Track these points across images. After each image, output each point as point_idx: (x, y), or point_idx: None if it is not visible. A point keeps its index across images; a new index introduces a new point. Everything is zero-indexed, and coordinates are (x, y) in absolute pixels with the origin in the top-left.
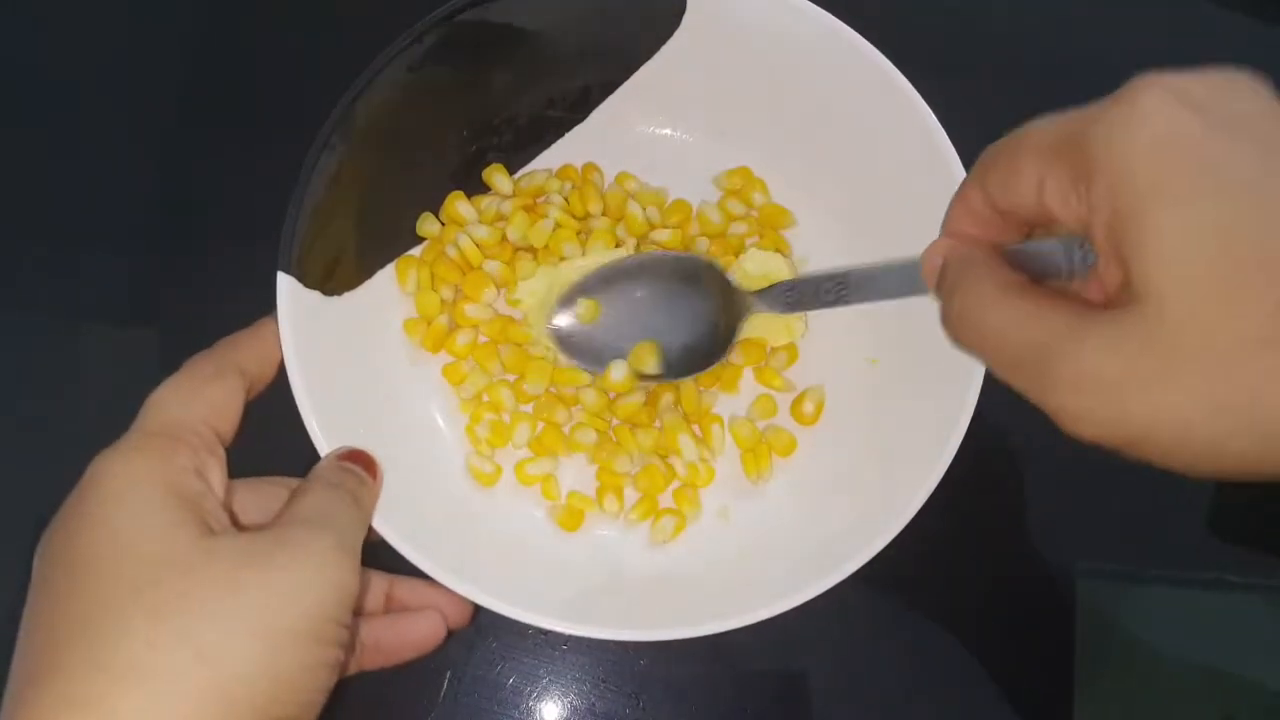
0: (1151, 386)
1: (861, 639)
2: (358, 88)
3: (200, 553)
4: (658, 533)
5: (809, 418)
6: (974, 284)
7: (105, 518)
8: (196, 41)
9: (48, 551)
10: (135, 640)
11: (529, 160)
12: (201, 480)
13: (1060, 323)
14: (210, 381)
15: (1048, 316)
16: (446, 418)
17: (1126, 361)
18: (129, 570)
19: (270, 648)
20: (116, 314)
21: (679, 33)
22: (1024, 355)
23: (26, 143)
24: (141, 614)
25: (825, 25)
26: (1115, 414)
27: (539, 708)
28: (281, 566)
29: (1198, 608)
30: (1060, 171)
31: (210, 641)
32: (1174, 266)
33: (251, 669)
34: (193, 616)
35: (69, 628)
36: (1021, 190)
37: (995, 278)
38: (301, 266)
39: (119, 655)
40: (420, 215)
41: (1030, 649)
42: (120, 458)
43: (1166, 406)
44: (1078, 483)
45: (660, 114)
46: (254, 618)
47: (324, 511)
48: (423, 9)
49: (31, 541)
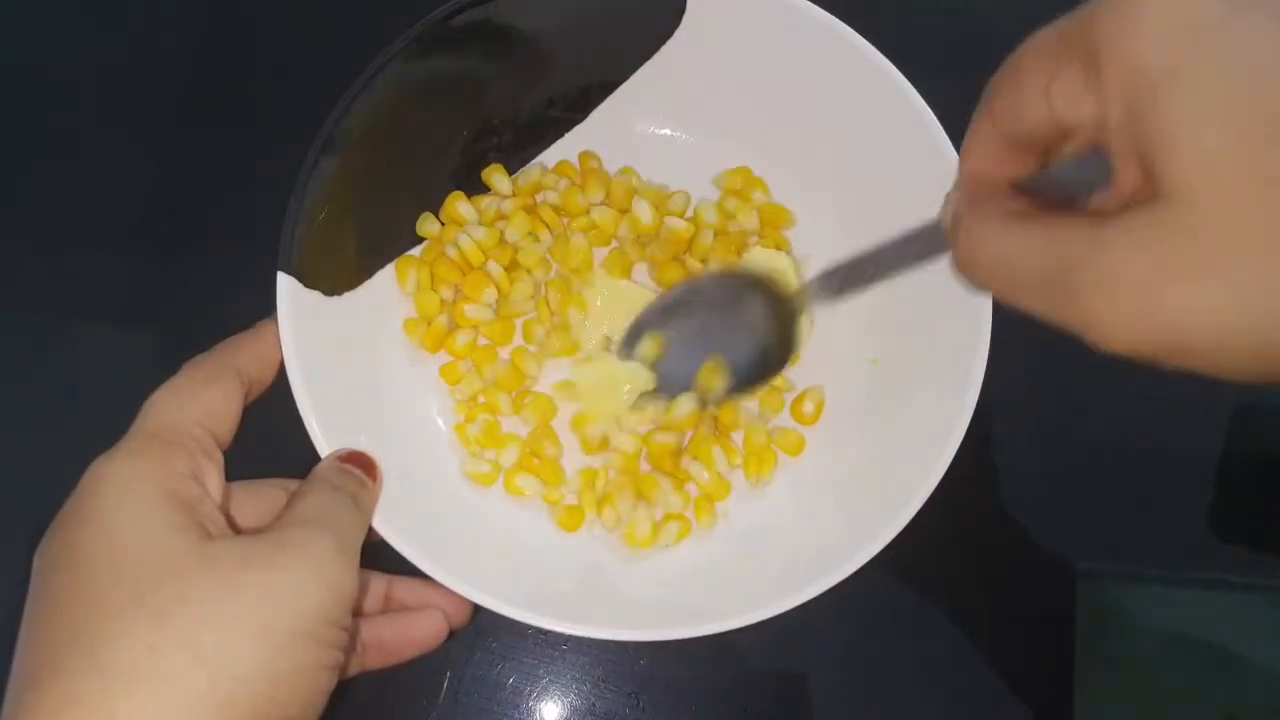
0: (1189, 282)
1: (861, 639)
2: (357, 88)
3: (199, 556)
4: (662, 538)
5: (809, 418)
6: (979, 218)
7: (104, 521)
8: (196, 41)
9: (47, 554)
10: (136, 642)
11: (529, 160)
12: (198, 484)
13: (1078, 234)
14: (207, 385)
15: (1063, 231)
16: (446, 418)
17: (1159, 258)
18: (129, 573)
19: (270, 650)
20: (116, 314)
21: (679, 33)
22: (1042, 274)
23: (26, 143)
24: (142, 617)
25: (825, 25)
26: (1151, 316)
27: (539, 708)
28: (281, 569)
29: (1198, 608)
30: (1068, 72)
31: (210, 644)
32: (1200, 155)
33: (251, 671)
34: (192, 619)
35: (70, 630)
36: (1030, 105)
37: (1001, 207)
38: (301, 267)
39: (120, 657)
40: (420, 215)
41: (1030, 649)
42: (117, 462)
43: (1207, 302)
44: (1078, 483)
45: (660, 114)
46: (253, 620)
47: (323, 513)
48: (423, 9)
49: (31, 541)
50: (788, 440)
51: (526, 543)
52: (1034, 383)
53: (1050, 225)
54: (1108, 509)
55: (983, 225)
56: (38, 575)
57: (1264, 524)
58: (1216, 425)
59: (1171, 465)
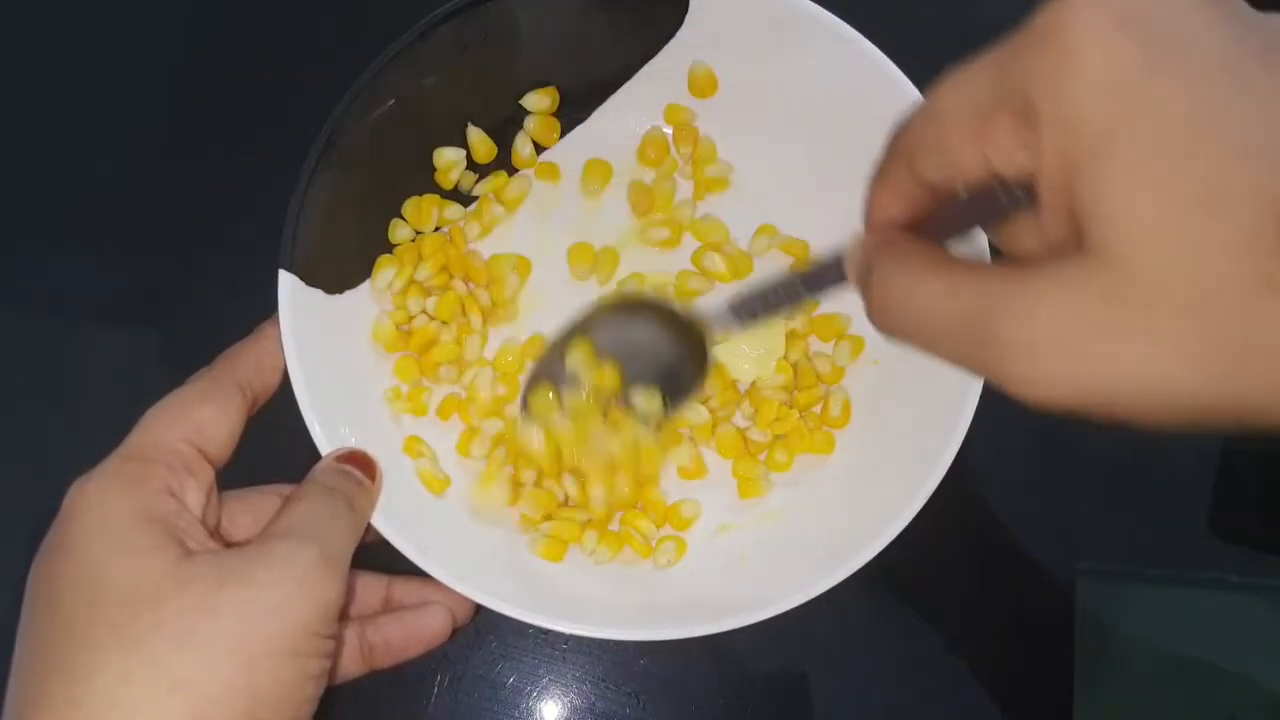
0: (1116, 338)
1: (861, 639)
2: (359, 86)
3: (174, 579)
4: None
5: (837, 420)
6: (895, 267)
7: (80, 549)
8: (197, 41)
9: (32, 585)
10: (109, 674)
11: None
12: (175, 500)
13: (1000, 285)
14: (200, 402)
15: (983, 280)
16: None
17: (1086, 315)
18: (104, 602)
19: (247, 669)
20: (116, 314)
21: (681, 32)
22: (962, 326)
23: (26, 143)
24: (115, 647)
25: (827, 25)
26: (1078, 373)
27: (539, 708)
28: (260, 584)
29: (1198, 608)
30: (1000, 121)
31: (184, 670)
32: (1134, 221)
33: (227, 692)
34: (166, 646)
35: (49, 663)
36: (960, 153)
37: (915, 254)
38: (303, 265)
39: (94, 690)
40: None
41: (1030, 649)
42: (94, 486)
43: (1134, 358)
44: (1078, 483)
45: (661, 114)
46: (229, 641)
47: (311, 522)
48: (424, 8)
49: (30, 543)
50: (812, 440)
51: (527, 542)
52: None
53: (972, 271)
54: (1108, 509)
55: (899, 274)
56: (25, 607)
57: (1264, 524)
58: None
59: (1171, 465)
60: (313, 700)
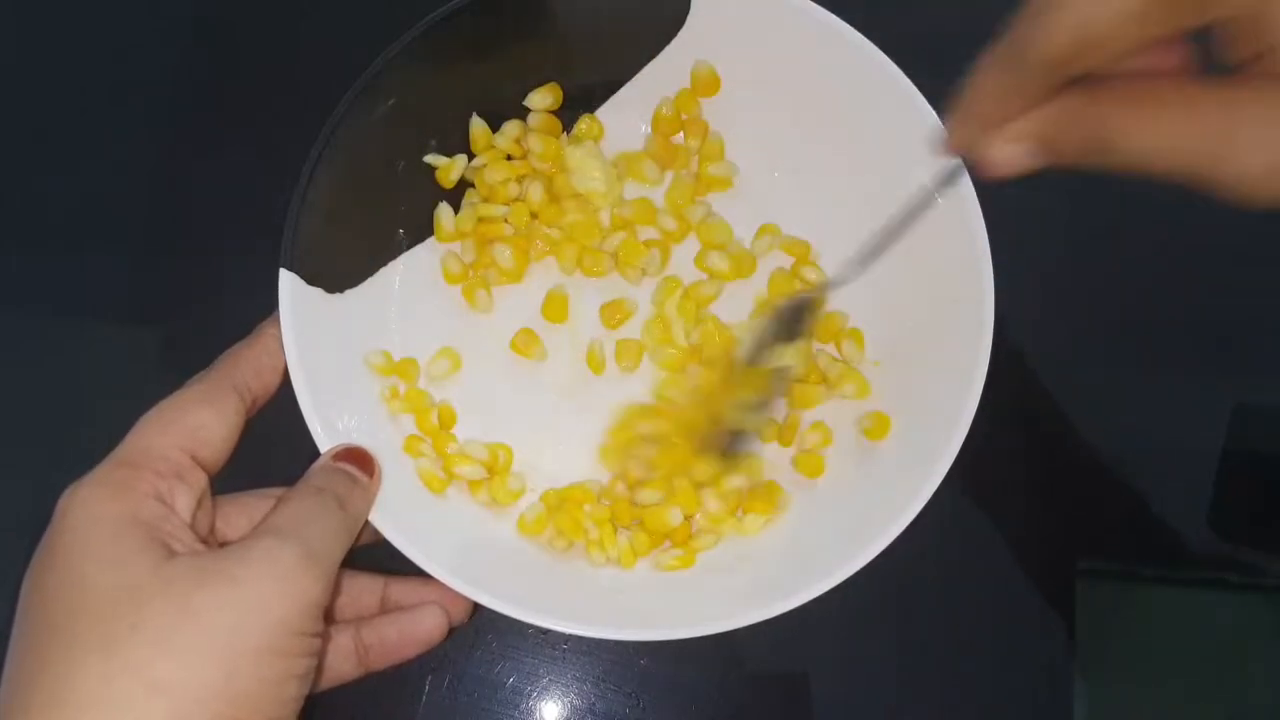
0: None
1: (861, 639)
2: (359, 85)
3: (156, 580)
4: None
5: (874, 431)
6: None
7: (67, 554)
8: (197, 40)
9: (24, 591)
10: (89, 676)
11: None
12: (163, 505)
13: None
14: (195, 406)
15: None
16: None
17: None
18: (88, 606)
19: (226, 669)
20: (116, 314)
21: (682, 33)
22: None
23: (26, 143)
24: (98, 650)
25: (828, 25)
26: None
27: (539, 708)
28: (241, 583)
29: (1198, 608)
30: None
31: (165, 671)
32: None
33: (207, 693)
34: (147, 648)
35: (33, 666)
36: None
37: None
38: (303, 264)
39: (75, 692)
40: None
41: (1030, 649)
42: (83, 492)
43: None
44: (1078, 483)
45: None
46: (208, 641)
47: (296, 521)
48: (425, 7)
49: (30, 542)
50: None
51: (526, 542)
52: (1034, 383)
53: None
54: (1108, 509)
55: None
56: (17, 613)
57: (1264, 524)
58: (1216, 425)
59: (1171, 465)
60: (297, 699)
